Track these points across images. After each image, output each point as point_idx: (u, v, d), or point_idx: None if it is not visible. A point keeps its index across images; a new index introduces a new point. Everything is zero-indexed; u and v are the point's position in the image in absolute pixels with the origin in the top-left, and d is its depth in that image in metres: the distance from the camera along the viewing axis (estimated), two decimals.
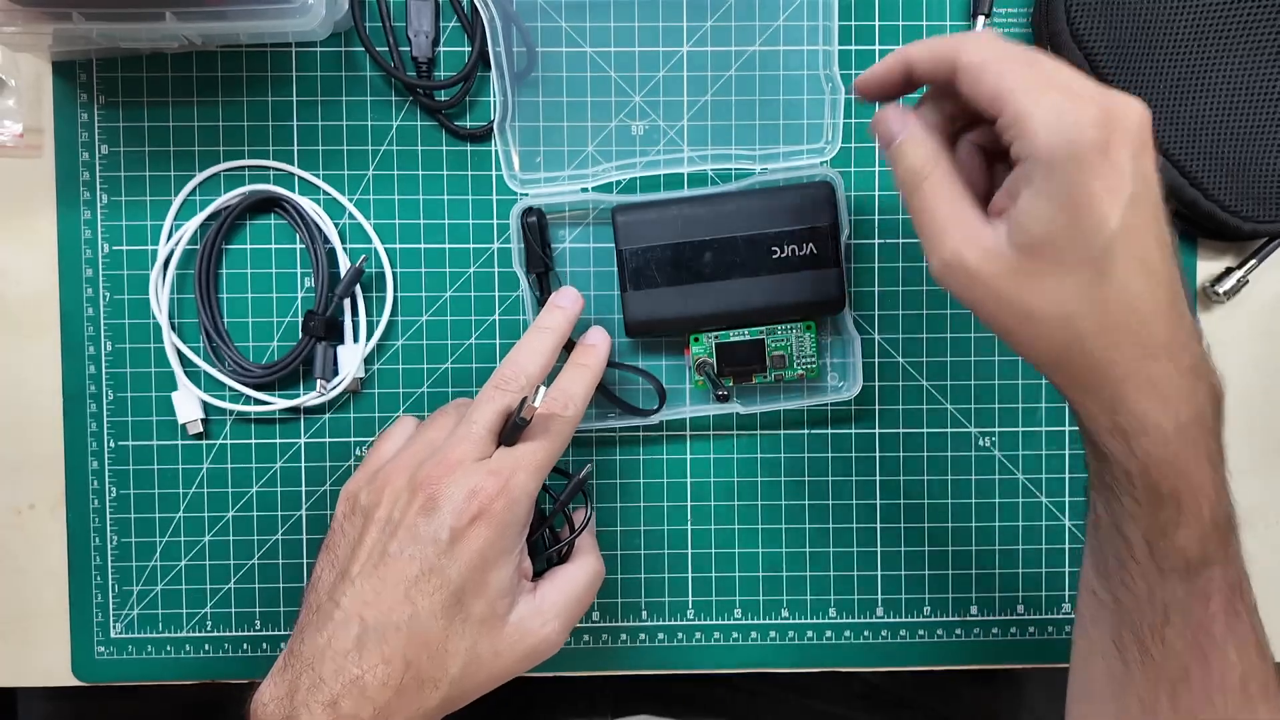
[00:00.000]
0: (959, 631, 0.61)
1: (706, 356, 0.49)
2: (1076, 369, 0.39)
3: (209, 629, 0.59)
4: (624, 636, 0.60)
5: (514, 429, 0.46)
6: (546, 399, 0.46)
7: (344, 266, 0.58)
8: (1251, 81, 0.57)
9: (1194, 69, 0.57)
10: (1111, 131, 0.35)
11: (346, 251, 0.58)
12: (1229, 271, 0.59)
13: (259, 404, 0.58)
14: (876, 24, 0.59)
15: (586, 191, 0.57)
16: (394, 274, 0.58)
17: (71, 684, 0.60)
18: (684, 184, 0.58)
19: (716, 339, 0.47)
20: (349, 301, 0.58)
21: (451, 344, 0.59)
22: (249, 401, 0.58)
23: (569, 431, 0.47)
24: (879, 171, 0.59)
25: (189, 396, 0.58)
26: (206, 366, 0.58)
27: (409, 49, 0.57)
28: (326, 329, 0.57)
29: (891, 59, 0.41)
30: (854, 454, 0.60)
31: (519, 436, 0.46)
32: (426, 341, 0.59)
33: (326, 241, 0.58)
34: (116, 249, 0.58)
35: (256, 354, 0.59)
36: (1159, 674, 0.41)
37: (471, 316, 0.59)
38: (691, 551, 0.60)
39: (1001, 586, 0.61)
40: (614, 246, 0.56)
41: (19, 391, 0.59)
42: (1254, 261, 0.59)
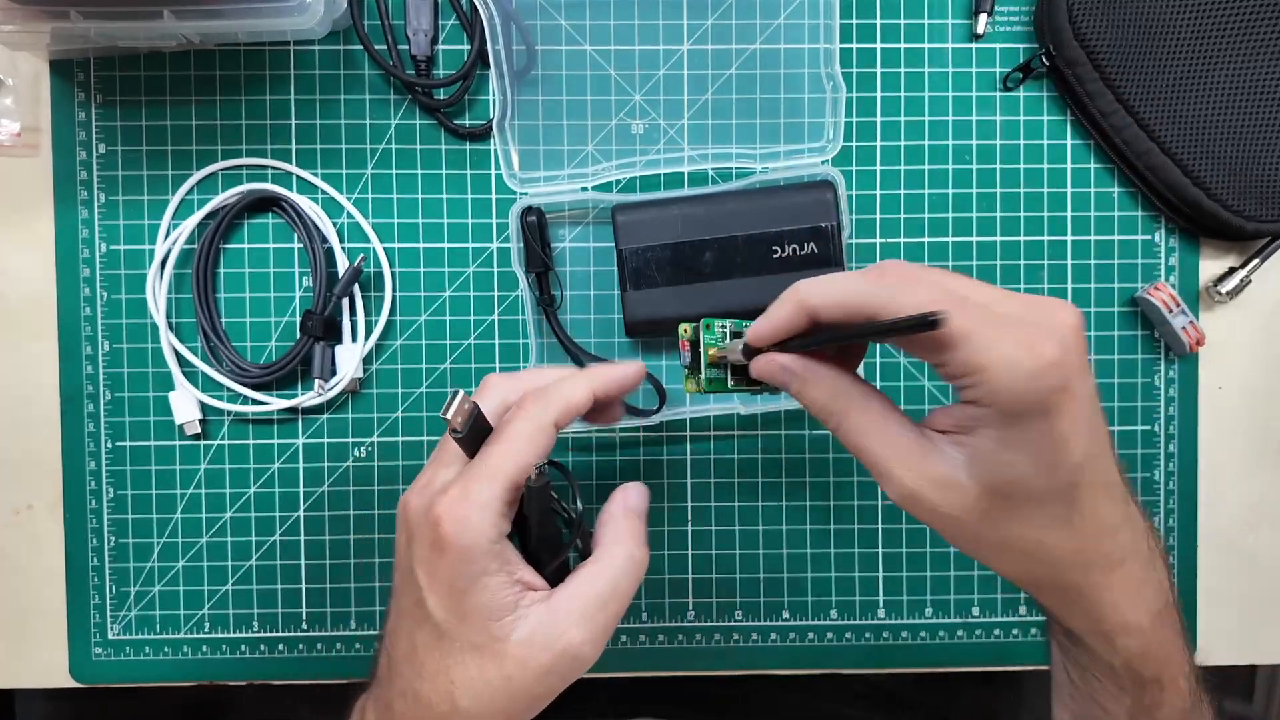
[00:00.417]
0: (960, 633, 0.60)
1: (689, 340, 0.44)
2: (1056, 590, 0.39)
3: (207, 630, 0.59)
4: (624, 639, 0.60)
5: (464, 441, 0.41)
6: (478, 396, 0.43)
7: (342, 266, 0.57)
8: (1254, 80, 0.57)
9: (1196, 67, 0.56)
10: (1067, 363, 0.34)
11: (345, 251, 0.58)
12: (1231, 271, 0.59)
13: (257, 404, 0.58)
14: (878, 22, 0.58)
15: (586, 191, 0.57)
16: (392, 273, 0.58)
17: (69, 685, 0.59)
18: (684, 183, 0.58)
19: (731, 326, 0.43)
20: (347, 301, 0.58)
21: (450, 344, 0.59)
22: (247, 402, 0.58)
23: (530, 429, 0.41)
24: (880, 170, 0.59)
25: (187, 397, 0.58)
26: (204, 366, 0.58)
27: (408, 47, 0.57)
28: (325, 329, 0.57)
29: (790, 308, 0.38)
30: None
31: (477, 447, 0.41)
32: (425, 341, 0.59)
33: (325, 241, 0.58)
34: (114, 248, 0.58)
35: (254, 354, 0.59)
36: None
37: (470, 316, 0.59)
38: (692, 553, 0.60)
39: (1003, 587, 0.60)
40: (614, 246, 0.56)
41: (17, 391, 0.59)
42: (1256, 261, 0.59)
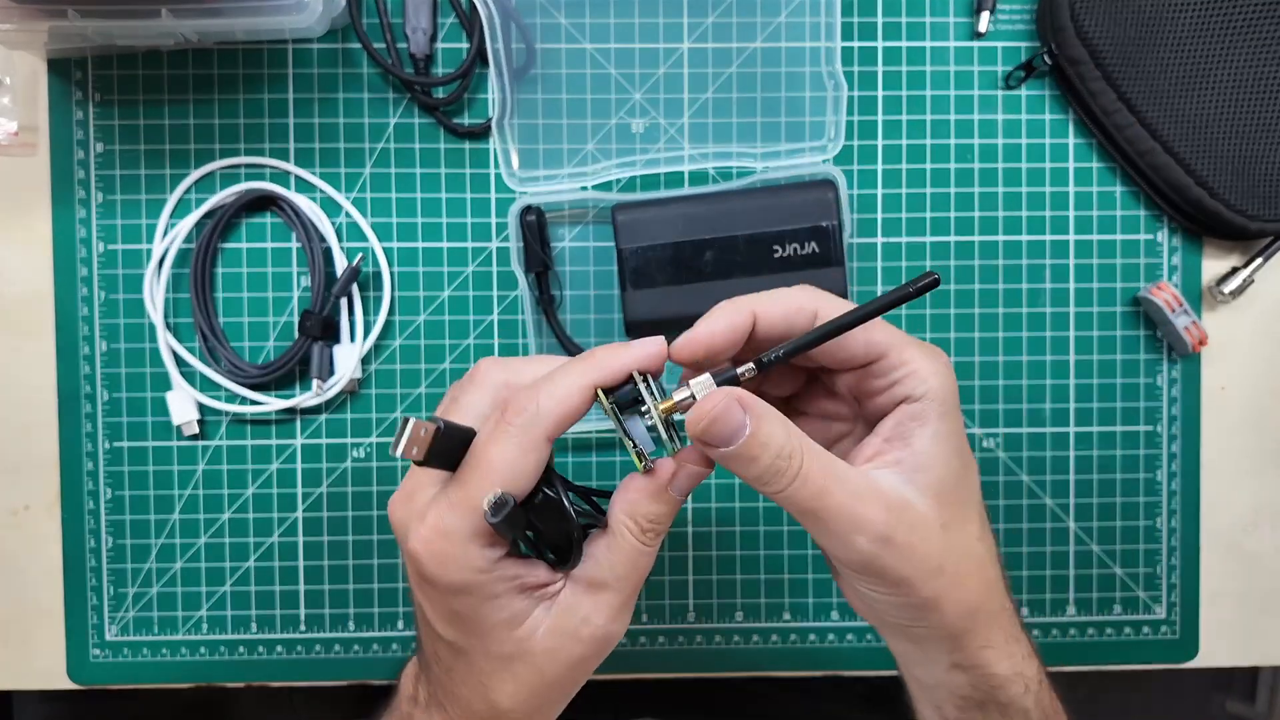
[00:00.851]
0: None
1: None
2: (991, 616, 0.38)
3: (205, 632, 0.59)
4: (624, 640, 0.59)
5: (436, 462, 0.35)
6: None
7: (341, 265, 0.57)
8: (1257, 79, 0.56)
9: (1199, 66, 0.56)
10: (954, 377, 0.37)
11: (343, 250, 0.58)
12: (1234, 271, 0.59)
13: (255, 405, 0.58)
14: (879, 20, 0.58)
15: (586, 190, 0.57)
16: (391, 273, 0.58)
17: (67, 687, 0.59)
18: (685, 182, 0.58)
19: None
20: (346, 301, 0.57)
21: (449, 344, 0.59)
22: (245, 402, 0.58)
23: (514, 451, 0.34)
24: (882, 169, 0.59)
25: (184, 397, 0.57)
26: (202, 366, 0.57)
27: (406, 46, 0.57)
28: (323, 329, 0.57)
29: (733, 313, 0.35)
30: None
31: (456, 460, 0.36)
32: (424, 341, 0.58)
33: (323, 240, 0.57)
34: (112, 248, 0.58)
35: (252, 354, 0.58)
36: None
37: (470, 316, 0.58)
38: (692, 554, 0.60)
39: None
40: (614, 245, 0.56)
41: (14, 392, 0.58)
42: (1260, 260, 0.59)
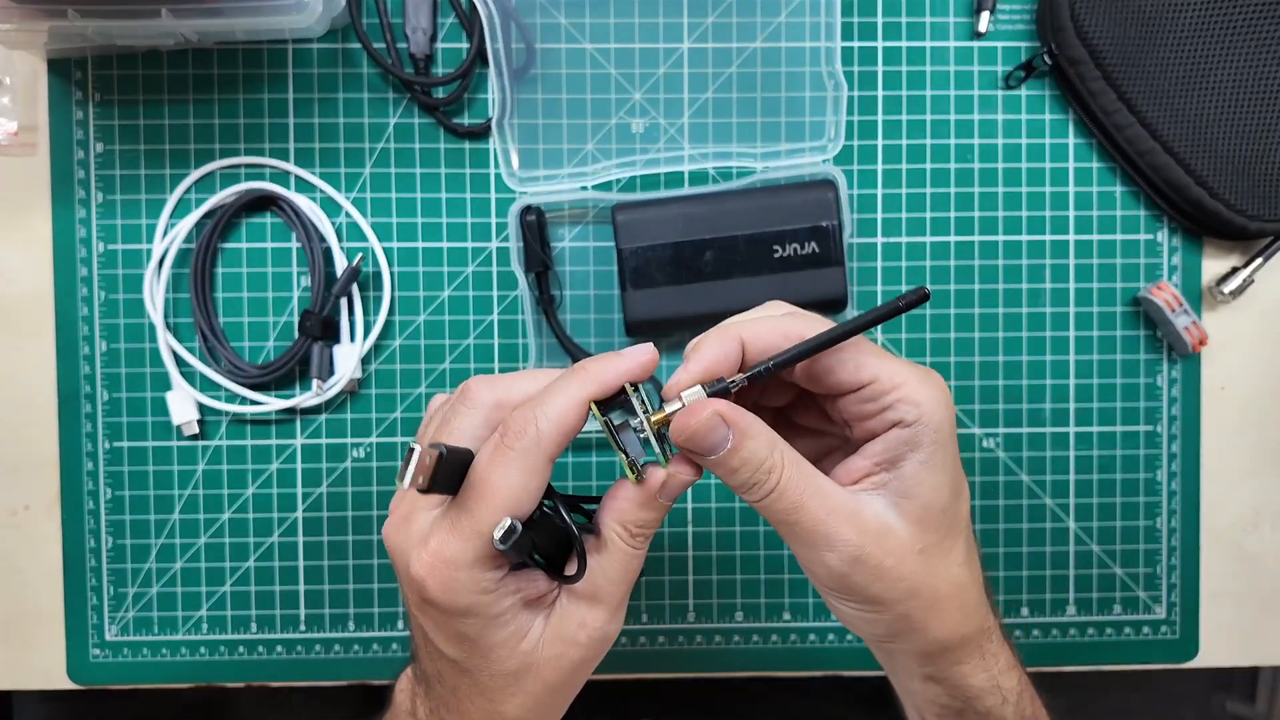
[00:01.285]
0: None
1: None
2: (970, 637, 0.38)
3: (205, 632, 0.59)
4: (624, 640, 0.60)
5: (437, 488, 0.34)
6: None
7: (340, 265, 0.57)
8: (1257, 79, 0.56)
9: (1199, 66, 0.56)
10: (951, 401, 0.37)
11: (343, 250, 0.58)
12: (1234, 271, 0.59)
13: (255, 405, 0.58)
14: (879, 20, 0.58)
15: (586, 190, 0.57)
16: (391, 273, 0.58)
17: (67, 687, 0.59)
18: (685, 182, 0.58)
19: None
20: (346, 301, 0.57)
21: (449, 344, 0.58)
22: (245, 402, 0.58)
23: (518, 476, 0.34)
24: (882, 169, 0.59)
25: (184, 397, 0.57)
26: (202, 366, 0.57)
27: (406, 46, 0.56)
28: (323, 329, 0.57)
29: (723, 344, 0.35)
30: None
31: (457, 484, 0.35)
32: (424, 341, 0.58)
33: (323, 240, 0.57)
34: (112, 248, 0.58)
35: (252, 354, 0.58)
36: None
37: (470, 316, 0.58)
38: (692, 554, 0.60)
39: (1005, 589, 0.60)
40: (614, 245, 0.56)
41: (14, 392, 0.58)
42: (1260, 260, 0.59)
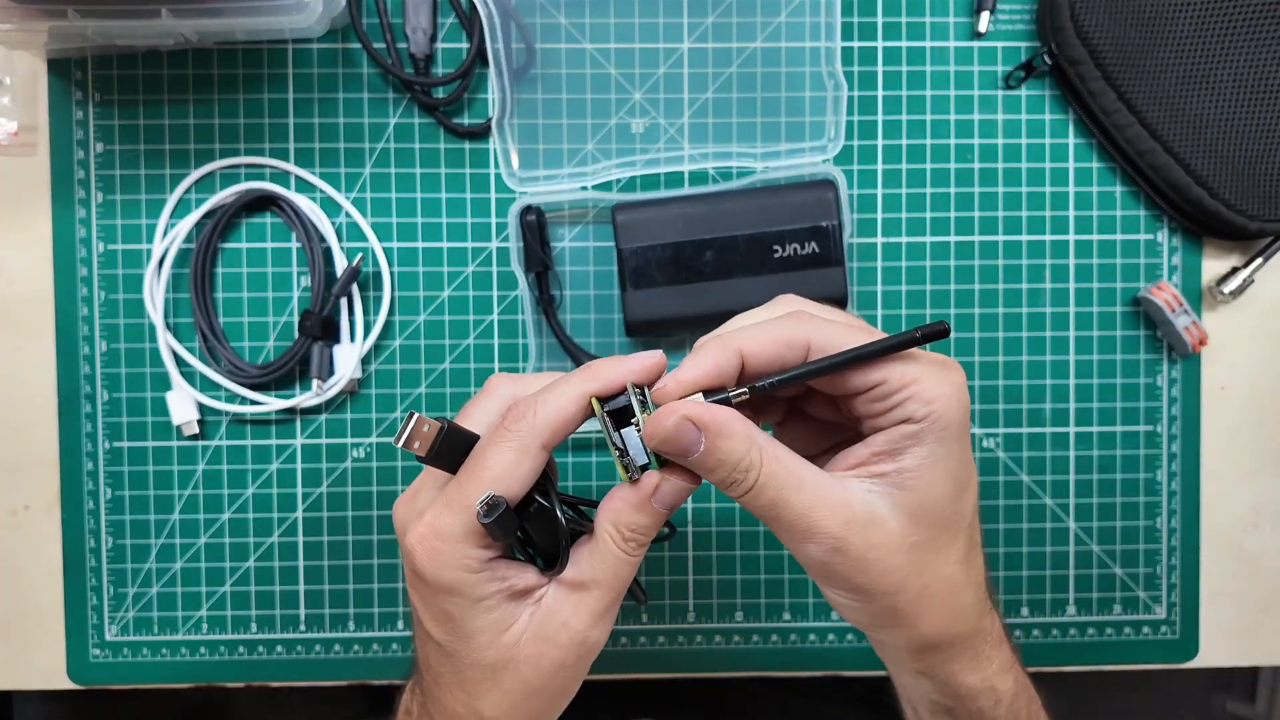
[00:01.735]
0: None
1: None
2: (961, 637, 0.38)
3: (205, 632, 0.59)
4: (624, 640, 0.60)
5: (438, 462, 0.37)
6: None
7: (340, 265, 0.57)
8: (1257, 79, 0.56)
9: (1199, 66, 0.56)
10: (967, 396, 0.36)
11: (343, 250, 0.58)
12: (1234, 271, 0.59)
13: (255, 405, 0.58)
14: (879, 20, 0.58)
15: (586, 190, 0.57)
16: (391, 273, 0.58)
17: (67, 687, 0.59)
18: (685, 182, 0.58)
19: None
20: (346, 301, 0.57)
21: (449, 344, 0.58)
22: (245, 402, 0.58)
23: (511, 456, 0.35)
24: (882, 169, 0.59)
25: (184, 397, 0.57)
26: (202, 367, 0.57)
27: (406, 46, 0.56)
28: (323, 329, 0.57)
29: (719, 356, 0.35)
30: None
31: (458, 463, 0.37)
32: (424, 341, 0.58)
33: (323, 240, 0.57)
34: (112, 248, 0.58)
35: (252, 354, 0.58)
36: None
37: (470, 316, 0.58)
38: (692, 554, 0.60)
39: (1005, 589, 0.60)
40: (614, 245, 0.56)
41: (14, 392, 0.58)
42: (1260, 260, 0.59)
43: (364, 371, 0.58)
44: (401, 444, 0.35)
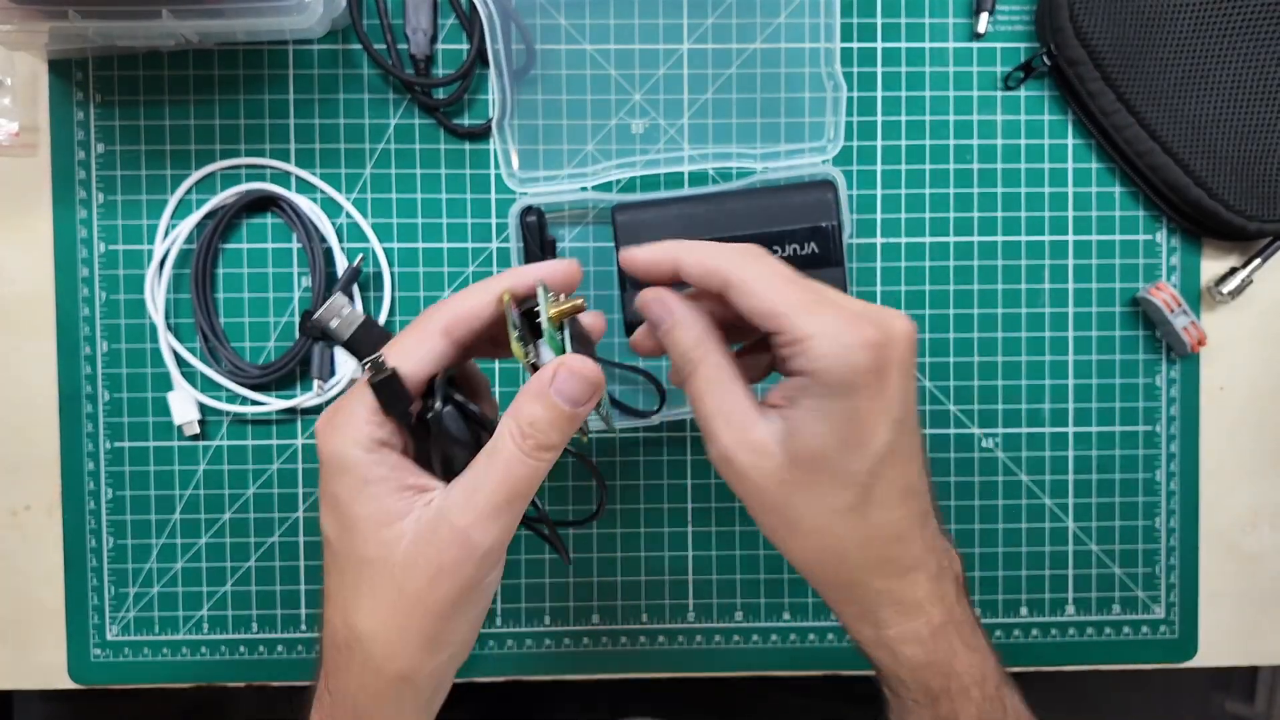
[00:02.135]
0: None
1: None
2: (838, 584, 0.39)
3: (205, 632, 0.59)
4: (624, 639, 0.60)
5: (351, 349, 0.41)
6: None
7: (341, 266, 0.57)
8: (1256, 79, 0.56)
9: (1198, 66, 0.56)
10: (884, 353, 0.36)
11: (344, 251, 0.58)
12: (1233, 271, 0.59)
13: (255, 405, 0.58)
14: (879, 21, 0.58)
15: (586, 191, 0.57)
16: (392, 273, 0.58)
17: (68, 686, 0.59)
18: (684, 183, 0.58)
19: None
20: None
21: None
22: (245, 402, 0.58)
23: (412, 338, 0.38)
24: (881, 170, 0.59)
25: (185, 397, 0.58)
26: (203, 367, 0.57)
27: (407, 46, 0.57)
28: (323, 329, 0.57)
29: (660, 254, 0.40)
30: None
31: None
32: None
33: (323, 241, 0.58)
34: (112, 248, 0.58)
35: (253, 354, 0.58)
36: None
37: None
38: (692, 553, 0.60)
39: (1004, 589, 0.60)
40: (614, 246, 0.56)
41: (15, 392, 0.58)
42: (1258, 261, 0.59)
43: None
44: (317, 315, 0.39)
